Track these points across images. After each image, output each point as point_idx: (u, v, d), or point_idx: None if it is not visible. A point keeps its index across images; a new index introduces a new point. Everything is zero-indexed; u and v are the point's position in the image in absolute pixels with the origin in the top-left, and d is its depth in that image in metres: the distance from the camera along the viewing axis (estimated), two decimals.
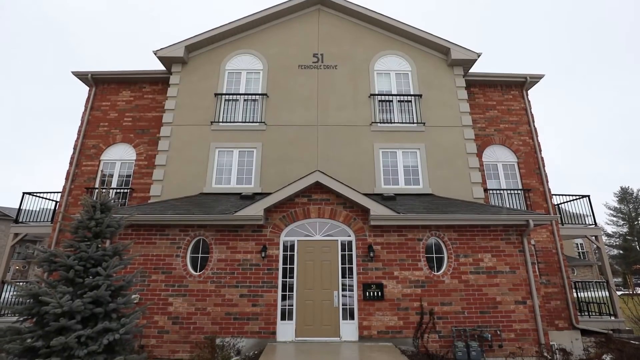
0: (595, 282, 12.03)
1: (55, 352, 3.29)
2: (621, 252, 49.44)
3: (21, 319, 3.57)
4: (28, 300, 3.60)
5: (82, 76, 11.62)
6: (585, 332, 9.71)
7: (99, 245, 3.98)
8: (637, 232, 48.73)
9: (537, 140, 11.39)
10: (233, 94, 10.67)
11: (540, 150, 11.29)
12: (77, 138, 11.36)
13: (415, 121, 10.37)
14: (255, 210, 7.30)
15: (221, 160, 10.00)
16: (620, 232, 51.24)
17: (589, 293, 11.97)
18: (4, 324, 3.42)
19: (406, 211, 7.57)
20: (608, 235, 51.07)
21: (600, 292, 11.58)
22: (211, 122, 10.29)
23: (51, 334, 3.37)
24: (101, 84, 11.81)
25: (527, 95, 11.87)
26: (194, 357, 5.94)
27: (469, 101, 10.93)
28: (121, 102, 11.65)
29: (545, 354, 6.85)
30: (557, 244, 10.27)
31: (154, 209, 7.95)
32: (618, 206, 52.46)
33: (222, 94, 10.61)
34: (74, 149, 11.24)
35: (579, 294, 11.22)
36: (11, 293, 11.35)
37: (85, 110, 11.65)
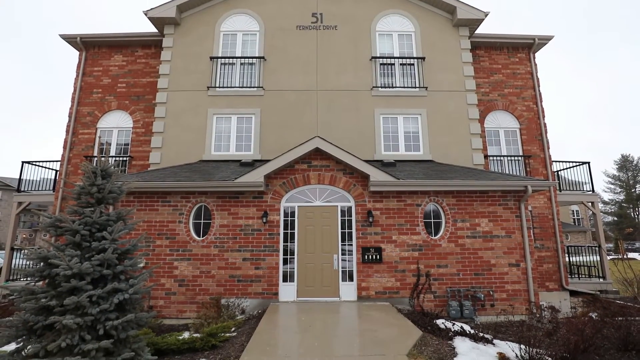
0: (588, 246, 12.38)
1: (70, 311, 3.45)
2: (615, 219, 50.51)
3: (33, 280, 3.70)
4: (39, 264, 3.72)
5: (70, 39, 11.14)
6: (573, 293, 10.16)
7: (102, 211, 4.04)
8: (634, 199, 49.41)
9: (541, 105, 11.17)
10: (229, 57, 10.30)
11: (543, 116, 11.12)
12: (72, 106, 11.13)
13: (417, 86, 10.10)
14: (256, 176, 7.32)
15: (219, 127, 9.88)
16: (617, 200, 52.00)
17: (581, 257, 12.38)
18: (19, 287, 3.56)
19: (406, 177, 7.60)
20: (604, 202, 51.89)
21: (591, 257, 11.97)
22: (207, 88, 10.03)
23: (64, 294, 3.51)
24: (91, 48, 11.35)
25: (534, 58, 11.46)
26: (200, 316, 6.26)
27: (473, 64, 10.57)
28: (114, 67, 11.26)
29: (534, 311, 7.21)
30: (554, 210, 10.43)
31: (155, 176, 7.98)
32: (617, 174, 52.78)
33: (217, 58, 10.24)
34: (69, 116, 11.05)
35: (571, 258, 11.59)
36: (21, 259, 11.72)
37: (77, 76, 11.30)
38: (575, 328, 4.54)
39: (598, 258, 11.29)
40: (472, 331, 5.15)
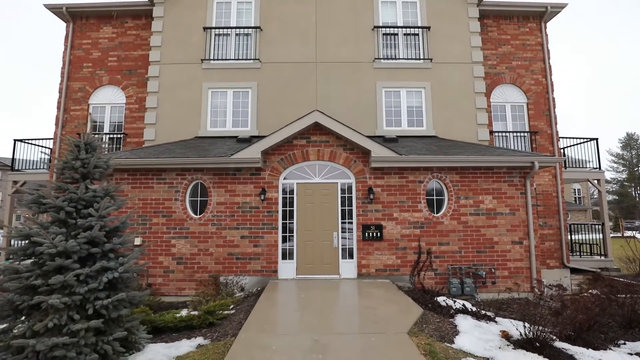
0: (590, 224, 12.26)
1: (56, 290, 3.30)
2: (616, 197, 50.41)
3: (18, 259, 3.54)
4: (24, 242, 3.54)
5: (55, 10, 10.55)
6: (574, 271, 10.12)
7: (88, 187, 3.82)
8: (637, 178, 49.15)
9: (551, 79, 10.70)
10: (223, 28, 9.76)
11: (552, 90, 10.67)
12: (61, 81, 10.71)
13: (421, 57, 9.62)
14: (253, 152, 7.06)
15: (215, 102, 9.51)
16: (619, 179, 51.71)
17: (582, 235, 12.29)
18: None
19: (408, 153, 7.33)
20: (606, 181, 51.65)
21: (592, 235, 11.88)
22: (202, 60, 9.57)
23: (50, 273, 3.36)
24: (79, 19, 10.77)
25: (545, 28, 10.87)
26: (199, 294, 6.19)
27: (481, 35, 10.01)
28: (103, 39, 10.73)
29: (537, 289, 7.14)
30: (558, 188, 10.21)
31: (149, 153, 7.72)
32: (620, 152, 52.21)
33: (211, 28, 9.71)
34: (60, 92, 10.66)
35: (572, 236, 11.49)
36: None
37: (65, 49, 10.79)
38: (583, 306, 4.42)
39: (600, 236, 11.19)
40: (474, 309, 5.05)
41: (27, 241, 3.50)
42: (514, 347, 3.71)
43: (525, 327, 3.97)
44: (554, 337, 3.78)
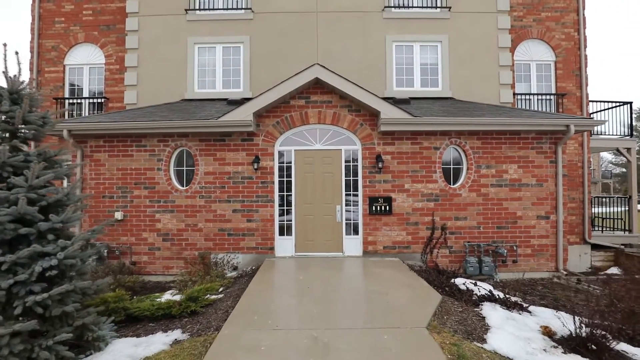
0: (617, 197, 11.37)
1: None
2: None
3: None
4: None
5: None
6: (594, 247, 9.38)
7: (20, 149, 2.94)
8: None
9: (584, 33, 9.38)
10: None
11: (585, 47, 9.39)
12: (32, 38, 9.55)
13: (438, 5, 8.33)
14: (243, 114, 6.10)
15: (202, 60, 8.39)
16: None
17: (601, 209, 11.47)
18: None
19: (423, 115, 6.33)
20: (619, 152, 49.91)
21: (613, 208, 11.06)
22: (186, 11, 8.34)
23: None
24: None
25: None
26: (184, 275, 5.49)
27: None
28: None
29: (562, 270, 6.41)
30: (584, 157, 9.24)
31: (126, 116, 6.78)
32: None
33: None
34: (31, 52, 9.53)
35: (593, 209, 10.65)
36: None
37: (34, 1, 9.53)
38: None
39: (625, 208, 10.35)
40: (501, 295, 4.30)
41: None
42: (564, 351, 2.96)
43: (575, 321, 3.19)
44: (609, 336, 3.02)
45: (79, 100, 9.47)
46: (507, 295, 4.30)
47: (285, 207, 6.64)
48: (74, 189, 3.03)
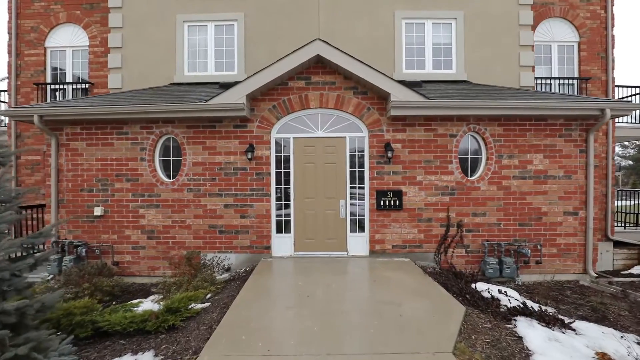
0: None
1: None
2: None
3: None
4: None
5: None
6: (616, 244, 8.70)
7: None
8: None
9: (612, 10, 8.55)
10: None
11: (612, 26, 8.58)
12: (9, 19, 8.82)
13: None
14: (235, 96, 5.39)
15: (193, 40, 7.64)
16: None
17: (622, 202, 10.76)
18: None
19: (438, 98, 5.60)
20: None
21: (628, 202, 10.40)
22: None
23: None
24: None
25: None
26: (166, 280, 4.84)
27: None
28: None
29: (592, 272, 5.74)
30: (609, 147, 8.47)
31: (105, 100, 6.08)
32: None
33: None
34: (9, 33, 8.82)
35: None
36: None
37: None
38: None
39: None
40: (535, 305, 3.64)
41: None
42: None
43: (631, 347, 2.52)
44: None
45: (62, 86, 8.78)
46: (543, 307, 3.63)
47: (283, 202, 5.97)
48: (2, 180, 2.34)
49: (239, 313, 3.55)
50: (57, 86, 8.76)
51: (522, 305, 3.62)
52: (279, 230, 5.96)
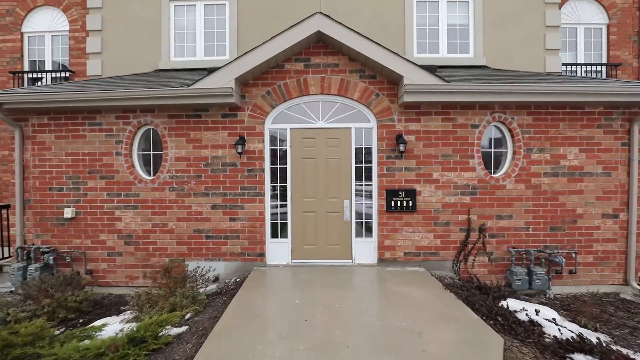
0: None
1: None
2: None
3: None
4: None
5: None
6: None
7: None
8: None
9: None
10: None
11: None
12: None
13: None
14: (223, 79, 4.62)
15: (180, 22, 6.87)
16: None
17: None
18: None
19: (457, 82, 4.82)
20: None
21: None
22: None
23: None
24: None
25: None
26: (140, 295, 4.11)
27: None
28: None
29: (635, 284, 4.97)
30: None
31: (75, 87, 5.33)
32: None
33: None
34: None
35: None
36: None
37: None
38: None
39: None
40: (593, 337, 2.88)
41: None
42: None
43: None
44: None
45: (40, 75, 8.06)
46: (598, 334, 2.87)
47: (279, 202, 5.22)
48: None
49: (219, 347, 2.81)
50: (35, 75, 8.05)
51: (577, 339, 2.84)
52: (274, 235, 5.22)
